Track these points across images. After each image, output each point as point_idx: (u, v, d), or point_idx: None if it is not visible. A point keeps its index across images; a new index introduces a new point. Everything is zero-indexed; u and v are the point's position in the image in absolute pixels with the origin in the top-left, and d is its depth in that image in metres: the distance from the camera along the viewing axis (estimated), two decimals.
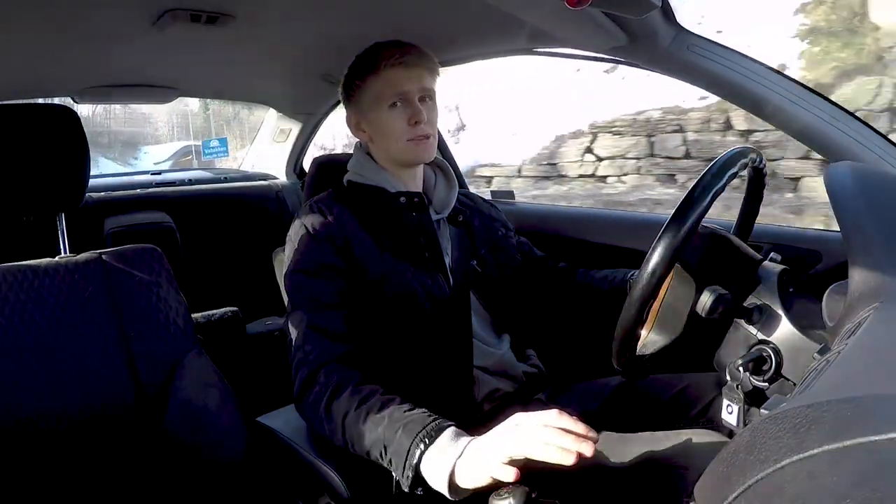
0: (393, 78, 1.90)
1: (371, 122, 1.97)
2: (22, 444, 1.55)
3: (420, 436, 1.42)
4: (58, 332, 1.67)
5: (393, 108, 1.91)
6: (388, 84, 1.91)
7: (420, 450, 1.40)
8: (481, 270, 2.05)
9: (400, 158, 1.98)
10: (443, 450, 1.39)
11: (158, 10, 2.26)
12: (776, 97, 1.93)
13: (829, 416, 0.68)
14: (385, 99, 1.91)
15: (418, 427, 1.44)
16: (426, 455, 1.40)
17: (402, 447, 1.43)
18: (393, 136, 1.93)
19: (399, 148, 1.94)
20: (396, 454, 1.44)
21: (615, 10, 1.68)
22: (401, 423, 1.47)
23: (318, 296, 1.80)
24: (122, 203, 3.72)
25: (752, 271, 1.63)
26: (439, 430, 1.43)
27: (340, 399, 1.60)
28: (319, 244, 1.85)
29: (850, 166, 1.75)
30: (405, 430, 1.44)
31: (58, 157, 1.78)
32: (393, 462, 1.46)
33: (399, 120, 1.91)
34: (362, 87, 1.96)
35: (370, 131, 1.99)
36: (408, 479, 1.42)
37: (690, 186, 1.45)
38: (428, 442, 1.40)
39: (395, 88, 1.90)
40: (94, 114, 14.61)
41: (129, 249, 1.86)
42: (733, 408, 1.53)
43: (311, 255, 1.85)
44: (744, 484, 0.69)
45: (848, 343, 1.02)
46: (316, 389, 1.66)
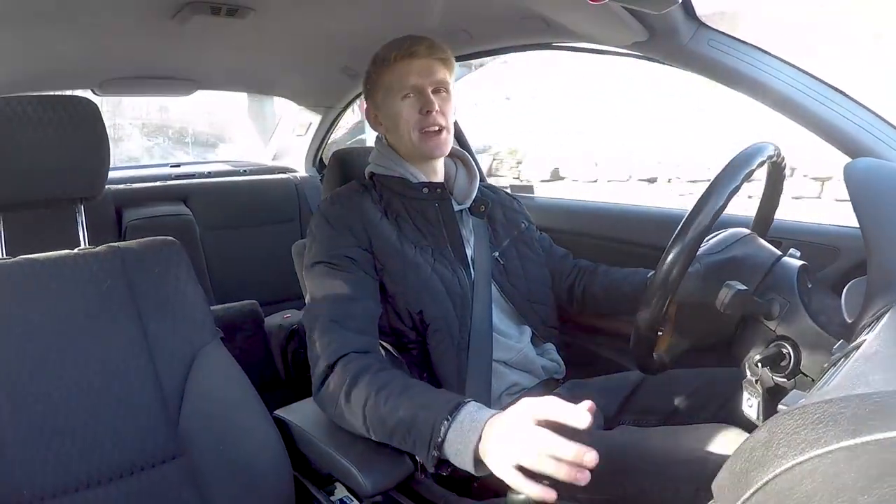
0: (405, 70, 1.94)
1: (386, 114, 2.00)
2: (41, 432, 1.55)
3: (443, 415, 1.41)
4: (76, 324, 1.68)
5: (405, 99, 1.95)
6: (400, 75, 1.94)
7: (444, 428, 1.40)
8: (503, 263, 2.06)
9: (414, 151, 2.00)
10: (465, 426, 1.38)
11: (178, 2, 2.27)
12: (796, 93, 1.92)
13: (848, 412, 0.68)
14: (398, 90, 1.95)
15: (439, 406, 1.44)
16: (450, 432, 1.39)
17: (424, 427, 1.43)
18: (406, 126, 1.95)
19: (412, 139, 1.96)
20: (419, 435, 1.44)
21: (636, 6, 1.67)
22: (421, 404, 1.47)
23: (339, 287, 1.80)
24: (142, 195, 3.74)
25: (771, 267, 1.63)
26: (459, 407, 1.42)
27: (359, 386, 1.60)
28: (341, 236, 1.87)
29: (869, 163, 1.74)
30: (427, 411, 1.45)
31: (78, 149, 1.79)
32: (416, 444, 1.46)
33: (411, 110, 1.94)
34: (377, 80, 1.99)
35: (386, 123, 2.02)
36: (433, 458, 1.41)
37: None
38: (450, 419, 1.40)
39: (407, 80, 1.94)
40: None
41: (148, 242, 1.86)
42: (753, 402, 1.53)
43: (332, 247, 1.86)
44: (761, 480, 0.69)
45: (867, 339, 1.02)
46: (335, 379, 1.66)
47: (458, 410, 1.42)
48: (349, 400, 1.61)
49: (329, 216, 1.91)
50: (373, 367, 1.64)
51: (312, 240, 1.92)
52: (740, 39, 1.97)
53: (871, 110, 1.93)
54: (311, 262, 1.88)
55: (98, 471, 1.59)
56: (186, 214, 3.74)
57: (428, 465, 1.44)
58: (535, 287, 2.11)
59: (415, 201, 1.99)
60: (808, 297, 1.54)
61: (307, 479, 1.84)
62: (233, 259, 3.85)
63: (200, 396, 1.74)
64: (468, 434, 1.36)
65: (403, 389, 1.54)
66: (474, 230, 2.08)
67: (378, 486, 1.58)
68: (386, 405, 1.52)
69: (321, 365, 1.70)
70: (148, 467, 1.66)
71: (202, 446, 1.70)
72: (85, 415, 1.61)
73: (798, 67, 1.97)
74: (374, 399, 1.55)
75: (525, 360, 1.99)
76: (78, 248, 1.80)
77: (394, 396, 1.53)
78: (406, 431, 1.47)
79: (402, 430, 1.48)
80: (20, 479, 1.50)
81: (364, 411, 1.57)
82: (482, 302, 1.94)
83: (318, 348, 1.73)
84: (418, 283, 1.86)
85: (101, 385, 1.65)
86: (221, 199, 4.00)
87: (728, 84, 2.02)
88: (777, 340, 1.51)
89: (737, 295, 1.48)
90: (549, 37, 2.49)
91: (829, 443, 0.65)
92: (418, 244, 1.92)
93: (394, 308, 1.88)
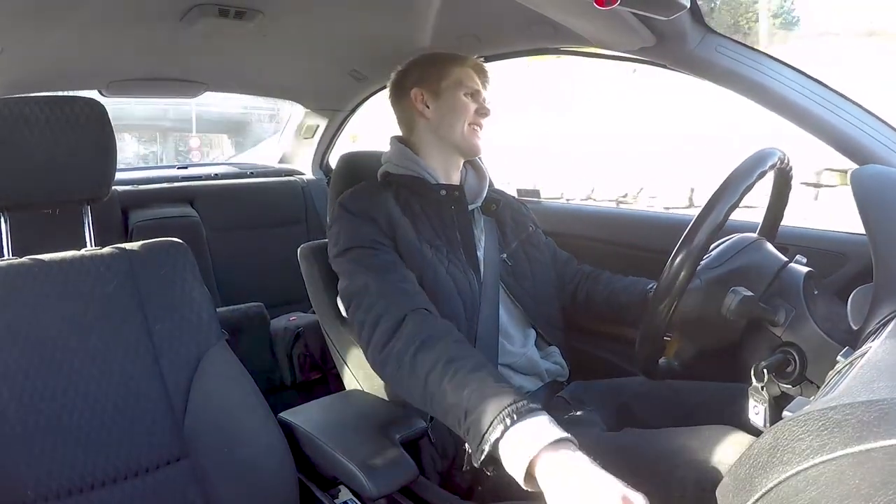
0: (474, 74, 2.11)
1: (443, 102, 2.08)
2: (46, 433, 1.56)
3: (507, 411, 1.32)
4: (82, 324, 1.68)
5: (468, 96, 2.06)
6: (470, 77, 2.10)
7: (503, 427, 1.31)
8: (511, 264, 2.08)
9: (457, 140, 2.07)
10: (529, 434, 1.28)
11: (187, 4, 2.28)
12: (803, 100, 1.92)
13: (853, 419, 0.68)
14: (465, 87, 2.07)
15: (507, 401, 1.34)
16: (508, 434, 1.30)
17: (483, 418, 1.34)
18: (462, 117, 2.05)
19: (460, 129, 2.06)
20: (475, 424, 1.36)
21: (644, 11, 1.67)
22: (489, 393, 1.39)
23: (381, 262, 1.82)
24: (148, 196, 3.74)
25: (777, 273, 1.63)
26: (528, 412, 1.32)
27: (430, 351, 1.57)
28: (367, 223, 1.89)
29: (876, 170, 1.74)
30: (492, 402, 1.36)
31: (85, 150, 1.79)
32: (470, 432, 1.38)
33: (471, 105, 2.06)
34: (447, 70, 2.10)
35: (435, 109, 2.08)
36: (482, 453, 1.33)
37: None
38: (512, 421, 1.30)
39: (474, 83, 2.10)
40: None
41: (154, 243, 1.86)
42: (759, 409, 1.53)
43: (362, 233, 1.88)
44: (766, 486, 0.69)
45: (872, 346, 1.02)
46: (404, 334, 1.63)
47: (529, 416, 1.32)
48: (414, 363, 1.57)
49: (351, 207, 1.93)
50: (451, 336, 1.62)
51: (338, 230, 1.92)
52: (748, 46, 1.96)
53: (879, 117, 1.93)
54: (341, 248, 1.89)
55: (103, 472, 1.59)
56: (193, 216, 3.74)
57: (475, 458, 1.36)
58: (542, 289, 2.13)
59: (432, 202, 2.01)
60: (814, 303, 1.54)
61: (311, 482, 1.85)
62: (239, 261, 3.85)
63: (205, 398, 1.74)
64: (531, 444, 1.26)
65: (475, 369, 1.47)
66: (485, 230, 2.10)
67: (382, 490, 1.58)
68: (452, 380, 1.47)
69: (385, 324, 1.67)
70: (153, 468, 1.66)
71: (207, 448, 1.71)
72: (90, 415, 1.61)
73: (806, 74, 1.96)
74: (441, 369, 1.51)
75: (530, 364, 2.00)
76: (84, 249, 1.81)
77: (462, 373, 1.47)
78: (463, 415, 1.41)
79: (458, 414, 1.42)
80: (25, 479, 1.50)
81: (426, 378, 1.52)
82: (490, 304, 1.95)
83: (378, 310, 1.71)
84: (433, 282, 1.87)
85: (107, 385, 1.65)
86: (228, 201, 4.00)
87: (736, 90, 2.02)
88: (783, 347, 1.51)
89: (743, 301, 1.48)
90: (557, 41, 2.49)
91: (833, 449, 0.65)
92: (433, 244, 1.93)
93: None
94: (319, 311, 2.18)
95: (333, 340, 2.16)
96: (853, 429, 0.67)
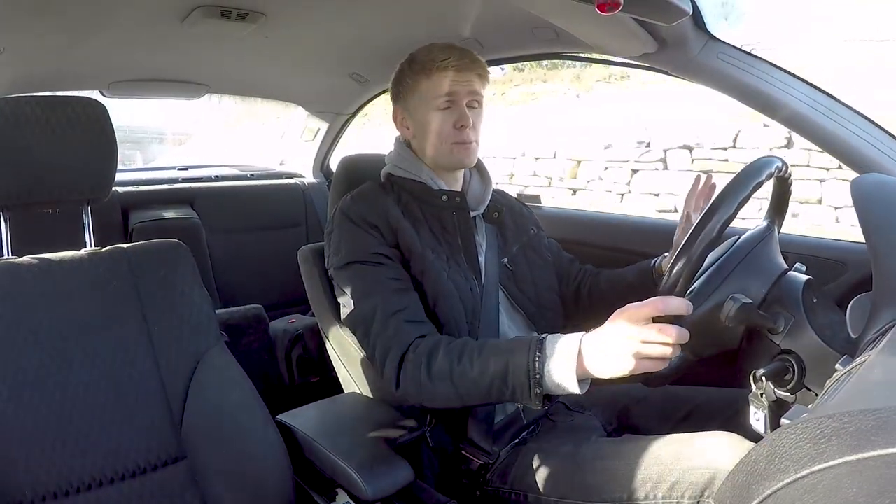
0: (444, 80, 1.93)
1: (417, 122, 2.00)
2: (44, 433, 1.56)
3: (531, 353, 1.49)
4: (81, 324, 1.68)
5: (440, 111, 1.94)
6: (439, 86, 1.93)
7: (537, 363, 1.46)
8: (512, 269, 2.07)
9: (441, 161, 2.00)
10: (558, 355, 1.46)
11: (189, 6, 2.28)
12: (804, 108, 1.92)
13: (851, 428, 0.68)
14: (434, 100, 1.93)
15: (525, 347, 1.51)
16: (546, 365, 1.46)
17: (520, 371, 1.49)
18: (438, 137, 1.96)
19: (442, 150, 1.97)
20: (518, 380, 1.50)
21: (646, 17, 1.67)
22: (507, 354, 1.54)
23: (383, 282, 1.82)
24: (148, 197, 3.74)
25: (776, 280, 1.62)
26: (542, 342, 1.50)
27: (438, 362, 1.64)
28: (369, 233, 1.87)
29: (876, 178, 1.74)
30: (516, 355, 1.51)
31: (85, 150, 1.79)
32: (516, 389, 1.52)
33: (445, 123, 1.94)
34: (413, 85, 1.97)
35: (415, 130, 2.02)
36: (537, 395, 1.47)
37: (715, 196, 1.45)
38: (541, 354, 1.48)
39: (446, 91, 1.93)
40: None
41: (154, 244, 1.86)
42: (760, 416, 1.53)
43: (362, 245, 1.86)
44: (763, 493, 0.69)
45: (871, 354, 1.02)
46: (410, 366, 1.69)
47: (543, 345, 1.49)
48: (432, 377, 1.64)
49: (352, 215, 1.90)
50: (441, 342, 1.68)
51: (338, 239, 1.91)
52: (750, 53, 1.97)
53: (880, 126, 1.93)
54: (342, 262, 1.88)
55: (101, 472, 1.59)
56: (193, 217, 3.74)
57: (534, 403, 1.50)
58: (543, 293, 2.12)
59: (433, 207, 1.99)
60: (813, 311, 1.54)
61: (309, 485, 1.85)
62: (238, 263, 3.85)
63: (204, 400, 1.74)
64: (565, 361, 1.44)
65: (481, 348, 1.61)
66: (486, 236, 2.08)
67: (379, 493, 1.58)
68: (473, 369, 1.58)
69: (393, 358, 1.72)
70: (150, 469, 1.66)
71: (205, 449, 1.70)
72: (89, 416, 1.61)
73: (807, 82, 1.97)
74: (458, 367, 1.61)
75: None
76: (84, 249, 1.81)
77: (475, 358, 1.59)
78: (503, 383, 1.53)
79: (498, 384, 1.55)
80: (23, 479, 1.50)
81: (453, 382, 1.61)
82: (490, 309, 1.95)
83: (384, 343, 1.75)
84: (435, 287, 1.86)
85: (105, 386, 1.65)
86: (228, 202, 4.00)
87: (737, 97, 2.02)
88: (781, 354, 1.51)
89: (741, 308, 1.48)
90: (560, 47, 2.50)
91: (831, 458, 0.65)
92: (434, 249, 1.91)
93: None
94: (318, 313, 2.17)
95: (332, 343, 2.16)
96: (851, 437, 0.67)
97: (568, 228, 3.03)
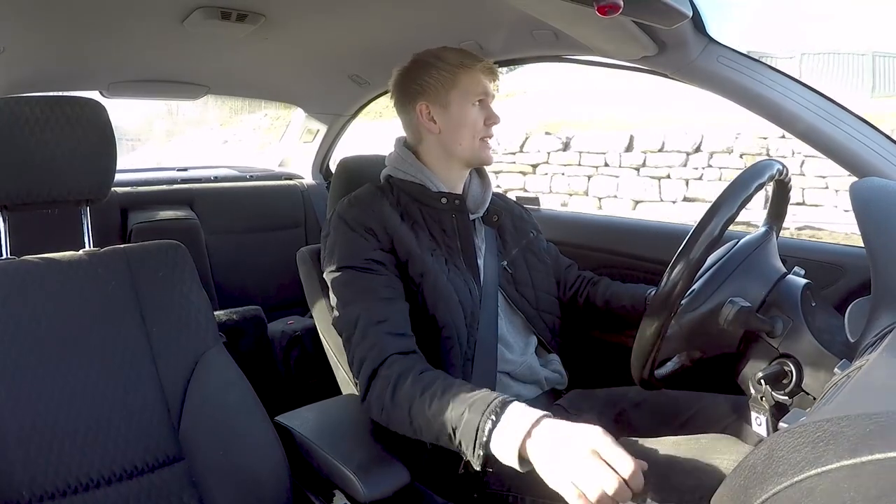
0: (482, 79, 1.99)
1: (452, 116, 2.00)
2: (42, 433, 1.56)
3: (487, 413, 1.42)
4: (80, 325, 1.68)
5: (475, 106, 1.98)
6: (478, 83, 1.98)
7: (489, 426, 1.40)
8: (511, 272, 2.07)
9: (467, 156, 2.02)
10: (512, 424, 1.39)
11: (189, 7, 2.28)
12: (804, 112, 1.92)
13: (849, 432, 0.68)
14: (473, 95, 1.98)
15: (484, 405, 1.44)
16: (496, 431, 1.40)
17: (470, 427, 1.43)
18: (472, 131, 1.99)
19: (472, 144, 2.00)
20: (465, 434, 1.45)
21: (646, 20, 1.67)
22: (466, 404, 1.47)
23: (371, 290, 1.81)
24: (147, 198, 3.74)
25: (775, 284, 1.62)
26: (505, 405, 1.43)
27: (404, 388, 1.61)
28: (363, 238, 1.87)
29: (875, 182, 1.74)
30: (472, 410, 1.45)
31: (85, 150, 1.79)
32: (463, 443, 1.46)
33: (479, 117, 1.99)
34: (452, 79, 1.99)
35: (444, 124, 2.01)
36: (479, 457, 1.42)
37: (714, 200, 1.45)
38: (496, 419, 1.41)
39: (483, 88, 1.99)
40: None
41: (153, 245, 1.87)
42: (762, 420, 1.53)
43: (356, 250, 1.86)
44: (761, 497, 0.69)
45: (869, 358, 1.02)
46: (379, 383, 1.68)
47: (504, 409, 1.42)
48: (395, 403, 1.63)
49: (348, 219, 1.90)
50: (414, 369, 1.66)
51: (333, 244, 1.91)
52: (750, 56, 1.97)
53: (879, 129, 1.93)
54: (335, 266, 1.88)
55: (98, 473, 1.59)
56: (192, 218, 3.74)
57: (475, 463, 1.44)
58: (542, 296, 2.12)
59: (432, 210, 1.99)
60: (811, 315, 1.54)
61: (307, 486, 1.84)
62: (237, 264, 3.86)
63: (202, 400, 1.74)
64: (512, 436, 1.37)
65: (446, 390, 1.55)
66: (486, 240, 2.08)
67: (376, 494, 1.58)
68: (431, 408, 1.54)
69: (365, 370, 1.72)
70: (148, 470, 1.66)
71: (203, 450, 1.71)
72: (87, 416, 1.61)
73: (806, 85, 1.97)
74: (419, 401, 1.57)
75: (529, 372, 2.00)
76: (83, 250, 1.81)
77: (437, 398, 1.54)
78: (452, 432, 1.49)
79: (448, 431, 1.50)
80: (20, 479, 1.50)
81: (410, 414, 1.59)
82: (489, 312, 1.95)
83: (361, 353, 1.74)
84: (433, 289, 1.86)
85: (104, 387, 1.65)
86: (227, 204, 4.00)
87: (737, 101, 2.02)
88: (779, 358, 1.51)
89: (740, 311, 1.48)
90: (559, 49, 2.50)
91: (829, 462, 0.65)
92: (433, 252, 1.92)
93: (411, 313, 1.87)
94: (317, 315, 2.17)
95: (330, 344, 2.15)
96: (849, 441, 0.67)
97: (567, 231, 3.03)
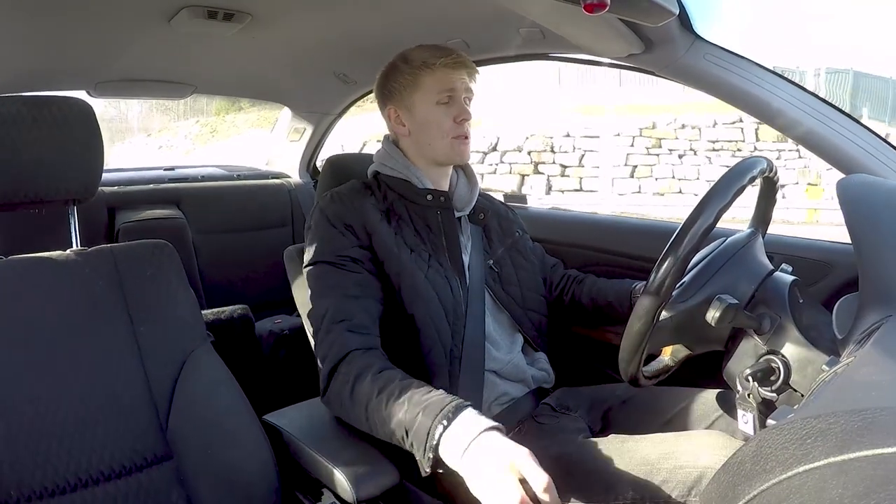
0: (446, 76, 1.97)
1: (416, 118, 2.01)
2: (29, 433, 1.55)
3: (439, 417, 1.43)
4: (67, 324, 1.68)
5: (441, 105, 1.97)
6: (441, 81, 1.97)
7: (440, 431, 1.41)
8: (497, 270, 2.07)
9: (440, 157, 2.03)
10: (462, 430, 1.40)
11: (175, 6, 2.28)
12: (791, 109, 1.92)
13: (836, 428, 0.68)
14: (436, 95, 1.97)
15: (437, 409, 1.45)
16: (445, 435, 1.41)
17: (422, 429, 1.44)
18: (439, 132, 1.98)
19: (443, 145, 1.99)
20: (417, 436, 1.46)
21: (633, 18, 1.68)
22: (420, 407, 1.48)
23: (341, 286, 1.82)
24: (135, 197, 3.73)
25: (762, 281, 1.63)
26: (458, 410, 1.44)
27: (362, 386, 1.62)
28: (341, 234, 1.88)
29: (862, 179, 1.75)
30: (424, 413, 1.46)
31: (71, 150, 1.78)
32: (414, 445, 1.47)
33: (446, 117, 1.97)
34: (414, 81, 1.99)
35: (412, 126, 2.02)
36: (428, 460, 1.43)
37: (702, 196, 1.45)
38: (447, 423, 1.42)
39: (447, 86, 1.97)
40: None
41: (140, 244, 1.86)
42: (748, 417, 1.53)
43: (332, 246, 1.87)
44: (749, 494, 0.69)
45: (857, 355, 1.02)
46: (338, 379, 1.69)
47: (456, 415, 1.43)
48: (353, 399, 1.64)
49: (329, 214, 1.92)
50: (374, 367, 1.66)
51: (312, 237, 1.92)
52: (737, 54, 1.97)
53: (866, 126, 1.94)
54: (311, 260, 1.89)
55: (86, 472, 1.59)
56: (179, 218, 3.73)
57: (424, 465, 1.45)
58: (529, 295, 2.12)
59: (418, 206, 1.99)
60: (798, 312, 1.54)
61: (295, 485, 1.84)
62: (225, 263, 3.85)
63: (190, 400, 1.74)
64: (462, 439, 1.38)
65: (402, 391, 1.56)
66: (471, 238, 2.08)
67: (365, 493, 1.58)
68: (387, 407, 1.54)
69: (326, 366, 1.73)
70: (136, 469, 1.65)
71: (191, 449, 1.70)
72: (74, 416, 1.61)
73: (794, 83, 1.97)
74: (375, 400, 1.58)
75: (516, 371, 1.99)
76: (70, 250, 1.80)
77: (394, 398, 1.54)
78: (405, 434, 1.49)
79: (401, 432, 1.50)
80: (8, 479, 1.50)
81: (366, 412, 1.60)
82: (476, 311, 1.95)
83: (323, 349, 1.76)
84: (411, 288, 1.86)
85: (91, 386, 1.65)
86: (214, 203, 4.00)
87: (723, 98, 2.03)
88: (767, 355, 1.51)
89: (727, 309, 1.48)
90: (546, 47, 2.50)
91: (817, 458, 0.65)
92: (415, 249, 1.92)
93: (388, 311, 1.88)
94: (304, 313, 2.17)
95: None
96: (836, 438, 0.67)
97: (553, 229, 3.03)
